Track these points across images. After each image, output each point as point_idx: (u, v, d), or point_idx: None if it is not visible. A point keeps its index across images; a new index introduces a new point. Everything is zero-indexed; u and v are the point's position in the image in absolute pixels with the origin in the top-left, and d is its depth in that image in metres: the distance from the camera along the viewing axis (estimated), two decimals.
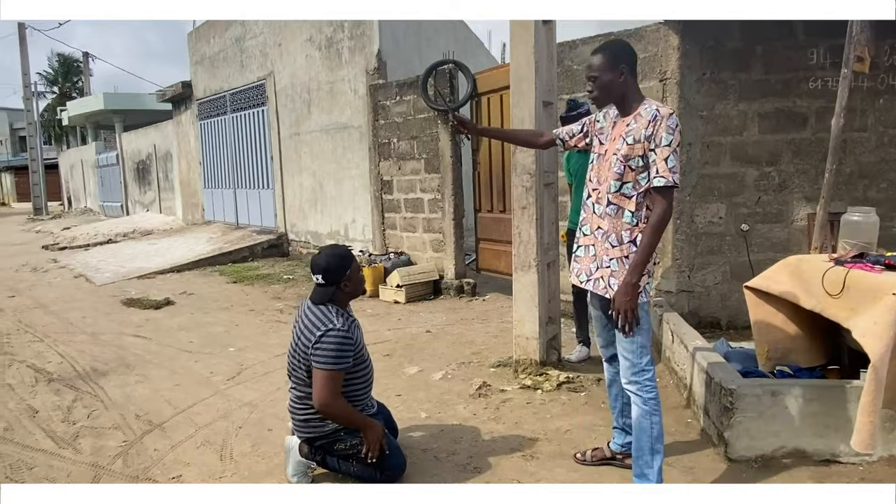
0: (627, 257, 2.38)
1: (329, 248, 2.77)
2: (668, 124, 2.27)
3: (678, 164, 2.29)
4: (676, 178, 2.29)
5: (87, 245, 12.21)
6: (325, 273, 2.66)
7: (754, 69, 4.45)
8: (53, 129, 36.94)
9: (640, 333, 2.44)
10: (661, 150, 2.28)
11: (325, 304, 2.69)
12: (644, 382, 2.47)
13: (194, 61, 12.11)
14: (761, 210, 4.59)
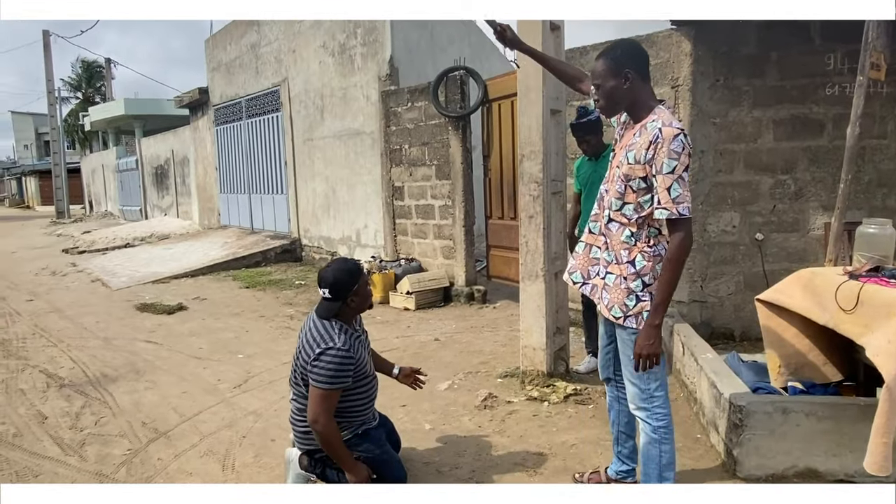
0: (626, 279, 2.26)
1: (338, 261, 2.75)
2: (672, 148, 2.07)
3: (686, 190, 2.10)
4: (683, 207, 2.09)
5: (105, 249, 12.38)
6: (332, 288, 2.63)
7: (769, 75, 4.35)
8: (77, 133, 37.62)
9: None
10: (662, 179, 2.11)
11: (330, 318, 2.66)
12: (654, 410, 2.34)
13: (211, 68, 12.24)
14: (776, 219, 4.49)
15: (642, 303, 2.26)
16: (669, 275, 2.16)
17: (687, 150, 2.11)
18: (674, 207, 2.09)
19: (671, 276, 2.16)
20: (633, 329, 2.31)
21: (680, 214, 2.10)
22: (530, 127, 3.71)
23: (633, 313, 2.30)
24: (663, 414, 2.35)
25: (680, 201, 2.10)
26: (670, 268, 2.15)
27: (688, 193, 2.12)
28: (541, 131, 3.66)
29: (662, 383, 2.34)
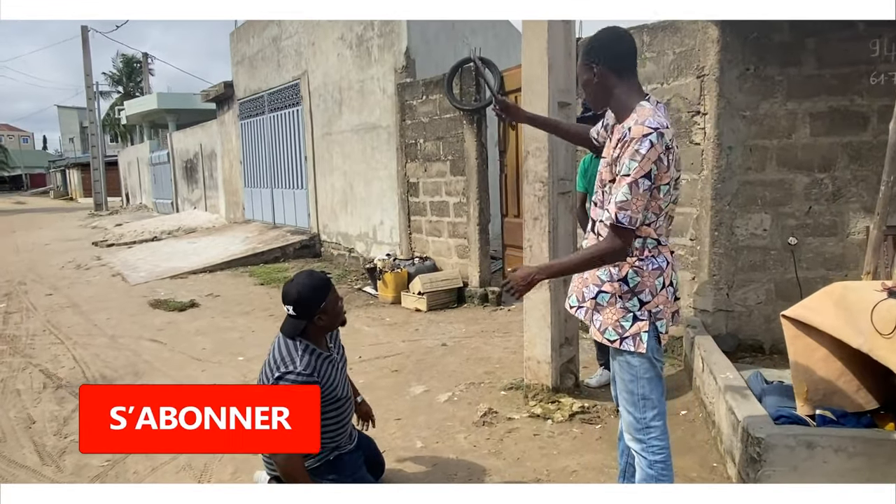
0: (621, 297, 2.04)
1: (303, 275, 2.51)
2: (636, 148, 1.85)
3: (639, 199, 1.87)
4: (624, 215, 1.87)
5: (132, 243, 12.52)
6: (297, 305, 2.41)
7: (806, 63, 3.95)
8: (118, 127, 38.57)
9: (639, 383, 2.08)
10: (619, 179, 1.90)
11: (295, 338, 2.44)
12: (650, 442, 2.10)
13: (235, 61, 12.20)
14: (812, 221, 4.09)
15: (640, 322, 2.04)
16: (581, 260, 2.02)
17: (654, 156, 1.85)
18: (614, 211, 1.89)
19: (578, 261, 2.04)
20: (630, 352, 2.08)
21: (617, 222, 1.89)
22: None
23: (629, 334, 2.06)
24: (660, 447, 2.10)
25: (623, 207, 1.88)
26: (587, 256, 1.98)
27: (637, 203, 1.88)
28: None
29: (660, 412, 2.10)
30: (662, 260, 2.06)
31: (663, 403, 2.13)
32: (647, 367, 2.06)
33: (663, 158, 1.89)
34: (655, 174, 1.88)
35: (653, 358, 2.07)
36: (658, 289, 2.04)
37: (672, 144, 1.96)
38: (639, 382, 2.08)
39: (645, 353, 2.03)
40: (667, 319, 2.08)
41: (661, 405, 2.11)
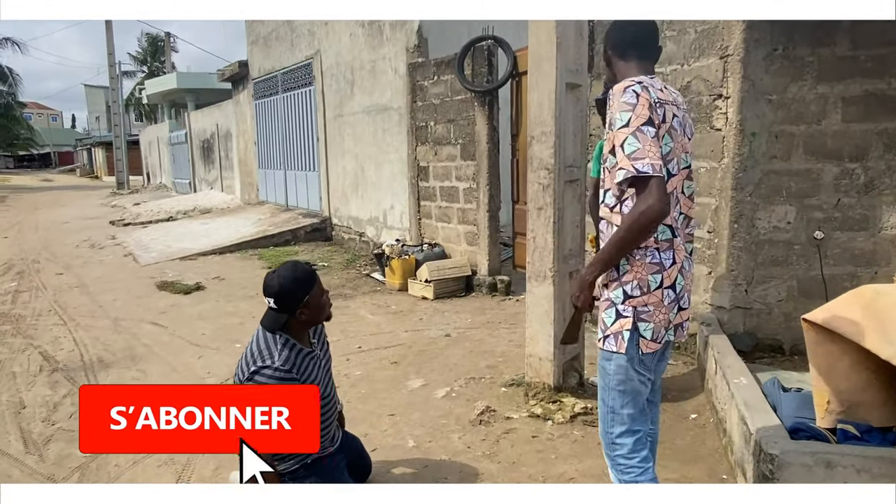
0: (607, 286, 1.88)
1: (287, 266, 2.35)
2: (623, 100, 1.75)
3: (649, 145, 1.70)
4: (642, 164, 1.68)
5: (148, 222, 12.54)
6: (277, 298, 2.26)
7: (840, 44, 3.64)
8: (141, 106, 38.83)
9: (610, 394, 1.89)
10: (617, 135, 1.74)
11: (276, 331, 2.29)
12: (616, 459, 1.93)
13: (251, 41, 12.04)
14: (840, 215, 3.81)
15: (623, 320, 1.85)
16: (618, 237, 1.76)
17: (645, 102, 1.74)
18: (629, 164, 1.69)
19: (619, 239, 1.76)
20: (609, 352, 1.89)
21: (638, 172, 1.68)
22: (541, 104, 3.19)
23: (611, 332, 1.88)
24: (627, 467, 1.91)
25: (637, 157, 1.69)
26: (622, 231, 1.75)
27: (651, 149, 1.70)
28: (553, 109, 3.14)
29: (630, 430, 1.91)
30: (668, 257, 1.84)
31: (637, 421, 1.92)
32: (620, 377, 1.86)
33: (656, 109, 1.76)
34: (657, 123, 1.75)
35: (630, 367, 1.85)
36: (651, 286, 1.82)
37: (670, 115, 1.81)
38: (609, 393, 1.90)
39: (624, 355, 1.84)
40: (656, 325, 1.83)
41: (633, 422, 1.91)
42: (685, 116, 1.94)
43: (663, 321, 1.84)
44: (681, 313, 1.93)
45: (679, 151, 1.87)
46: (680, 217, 1.93)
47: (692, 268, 2.01)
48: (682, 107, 1.94)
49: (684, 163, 1.91)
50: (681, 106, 1.93)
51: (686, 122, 1.94)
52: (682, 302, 1.92)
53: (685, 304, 1.94)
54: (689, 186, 1.97)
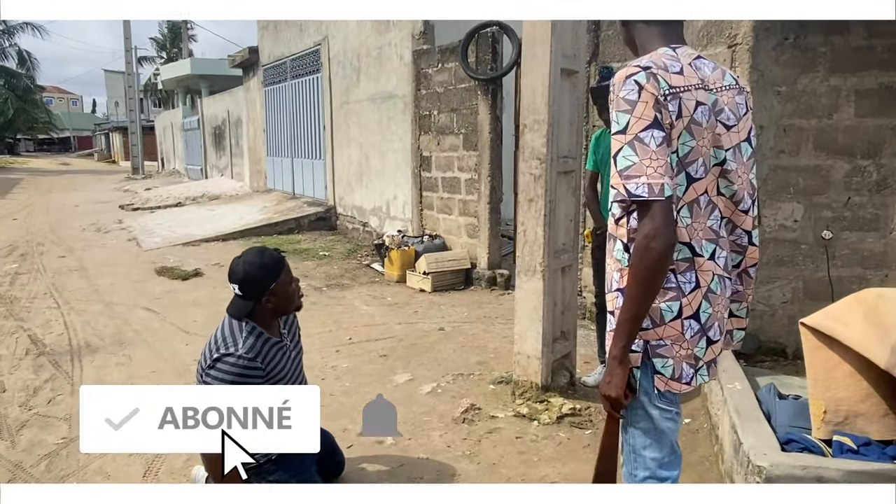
0: (613, 314, 1.56)
1: (254, 252, 2.25)
2: (622, 95, 1.43)
3: (649, 158, 1.38)
4: (636, 185, 1.38)
5: (155, 207, 12.55)
6: (242, 285, 2.15)
7: (854, 33, 3.45)
8: (159, 92, 39.03)
9: (632, 432, 1.61)
10: (613, 143, 1.45)
11: (242, 319, 2.19)
12: (635, 472, 1.67)
13: (261, 26, 11.95)
14: (850, 214, 3.62)
15: (633, 355, 1.54)
16: (630, 288, 1.44)
17: (649, 97, 1.40)
18: (620, 185, 1.40)
19: (634, 290, 1.43)
20: None
21: (629, 195, 1.39)
22: (534, 90, 3.05)
23: None
24: (644, 479, 1.68)
25: (632, 174, 1.38)
26: (631, 280, 1.44)
27: (652, 163, 1.38)
28: (546, 95, 2.99)
29: (655, 475, 1.62)
30: (687, 280, 1.49)
31: (664, 466, 1.63)
32: (640, 415, 1.57)
33: (669, 107, 1.41)
34: (666, 123, 1.41)
35: (648, 405, 1.56)
36: (666, 317, 1.48)
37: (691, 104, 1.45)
38: (630, 431, 1.62)
39: (636, 395, 1.55)
40: (677, 361, 1.51)
41: (659, 468, 1.62)
42: (727, 97, 1.55)
43: (685, 356, 1.52)
44: (712, 348, 1.56)
45: (706, 148, 1.50)
46: (722, 222, 1.57)
47: (730, 289, 1.61)
48: (718, 85, 1.54)
49: (715, 160, 1.53)
50: (716, 84, 1.54)
51: (725, 104, 1.54)
52: (712, 334, 1.54)
53: (715, 335, 1.55)
54: (727, 187, 1.57)
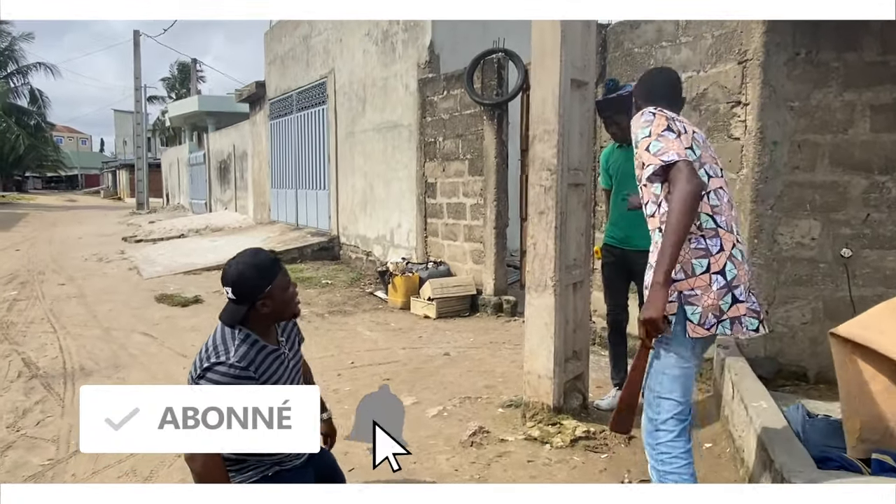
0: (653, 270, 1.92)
1: (248, 253, 2.11)
2: (642, 120, 1.97)
3: (671, 143, 1.88)
4: (667, 155, 1.84)
5: (158, 239, 12.51)
6: (235, 287, 2.01)
7: (868, 48, 3.41)
8: (168, 131, 39.65)
9: (661, 377, 1.90)
10: (641, 145, 1.93)
11: (235, 326, 2.05)
12: (658, 448, 1.90)
13: (268, 61, 12.14)
14: (870, 231, 3.52)
15: (668, 304, 1.86)
16: (670, 226, 1.79)
17: (661, 117, 1.94)
18: (655, 159, 1.86)
19: (674, 227, 1.77)
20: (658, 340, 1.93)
21: (664, 162, 1.83)
22: (545, 100, 2.99)
23: None
24: (672, 456, 1.88)
25: (661, 152, 1.86)
26: (671, 218, 1.79)
27: (674, 144, 1.87)
28: (556, 105, 2.93)
29: (677, 416, 1.90)
30: (714, 244, 1.89)
31: (683, 410, 1.92)
32: (668, 362, 1.89)
33: (675, 125, 1.93)
34: (676, 130, 1.91)
35: (677, 352, 1.88)
36: (695, 270, 1.87)
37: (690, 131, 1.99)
38: (657, 377, 1.91)
39: (670, 338, 1.87)
40: (704, 310, 1.84)
41: (679, 410, 1.91)
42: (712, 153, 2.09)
43: (712, 307, 1.84)
44: (737, 306, 1.88)
45: (710, 161, 1.99)
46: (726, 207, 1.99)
47: (751, 268, 2.04)
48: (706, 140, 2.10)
49: (719, 173, 2.02)
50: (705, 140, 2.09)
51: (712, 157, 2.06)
52: (738, 293, 1.88)
53: (741, 296, 1.89)
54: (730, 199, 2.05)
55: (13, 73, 32.02)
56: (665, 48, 4.13)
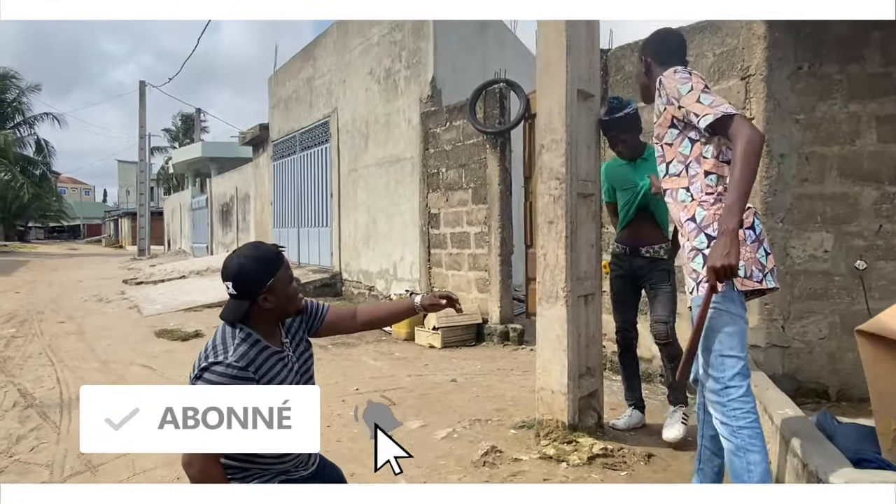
0: (689, 239, 2.02)
1: (249, 246, 2.03)
2: (676, 77, 2.04)
3: (718, 98, 1.97)
4: (725, 107, 1.91)
5: (159, 281, 12.43)
6: (236, 280, 1.92)
7: (870, 60, 3.44)
8: (171, 179, 40.12)
9: (719, 336, 1.92)
10: (686, 99, 1.99)
11: (235, 324, 1.96)
12: (729, 405, 1.92)
13: (272, 104, 12.35)
14: (883, 243, 3.47)
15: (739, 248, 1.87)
16: (737, 172, 1.84)
17: (697, 75, 2.05)
18: (712, 110, 1.92)
19: (742, 174, 1.83)
20: None
21: (725, 112, 1.89)
22: (551, 110, 2.99)
23: (702, 277, 1.97)
24: (744, 411, 1.92)
25: (716, 104, 1.94)
26: (737, 163, 1.84)
27: (720, 99, 1.97)
28: (563, 115, 2.93)
29: (742, 372, 1.94)
30: None
31: (745, 363, 1.96)
32: (724, 319, 1.92)
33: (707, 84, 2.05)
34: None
35: (730, 305, 1.92)
36: None
37: None
38: (714, 336, 1.93)
39: (721, 294, 1.90)
40: (747, 264, 1.92)
41: (742, 365, 1.95)
42: None
43: (752, 260, 1.93)
44: (769, 257, 2.01)
45: None
46: None
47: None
48: None
49: None
50: None
51: None
52: (766, 246, 2.02)
53: (769, 248, 2.04)
54: None
55: (20, 124, 32.59)
56: None
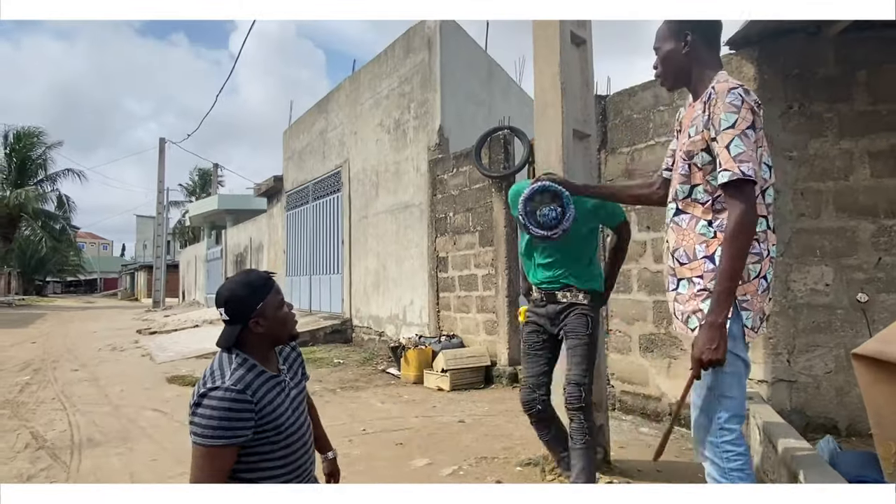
0: (702, 277, 1.87)
1: (240, 273, 2.14)
2: (728, 101, 1.77)
3: (752, 149, 1.75)
4: (747, 167, 1.73)
5: (172, 330, 12.56)
6: (228, 305, 2.00)
7: (857, 99, 3.56)
8: (187, 233, 40.85)
9: (717, 378, 1.85)
10: (722, 136, 1.78)
11: (231, 349, 2.03)
12: (722, 446, 1.86)
13: (286, 157, 12.72)
14: (884, 275, 3.50)
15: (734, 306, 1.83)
16: (727, 258, 1.75)
17: (749, 105, 1.78)
18: (735, 167, 1.74)
19: (730, 260, 1.74)
20: None
21: (744, 175, 1.73)
22: (548, 150, 3.12)
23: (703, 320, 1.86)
24: (736, 454, 1.86)
25: (743, 160, 1.74)
26: (727, 248, 1.75)
27: (753, 154, 1.75)
28: (560, 153, 3.06)
29: (737, 416, 1.89)
30: (765, 248, 1.87)
31: (742, 407, 1.91)
32: (729, 360, 1.79)
33: (758, 113, 1.81)
34: (758, 127, 1.80)
35: (736, 349, 1.83)
36: (750, 276, 1.84)
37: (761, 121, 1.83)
38: (716, 377, 1.85)
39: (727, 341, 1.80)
40: (756, 313, 1.86)
41: (739, 409, 1.91)
42: None
43: (759, 310, 1.87)
44: (770, 303, 1.96)
45: (765, 148, 1.91)
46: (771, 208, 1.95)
47: None
48: None
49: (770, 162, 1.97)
50: None
51: None
52: (770, 292, 1.95)
53: (771, 293, 1.97)
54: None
55: (43, 180, 33.61)
56: (662, 111, 4.33)
